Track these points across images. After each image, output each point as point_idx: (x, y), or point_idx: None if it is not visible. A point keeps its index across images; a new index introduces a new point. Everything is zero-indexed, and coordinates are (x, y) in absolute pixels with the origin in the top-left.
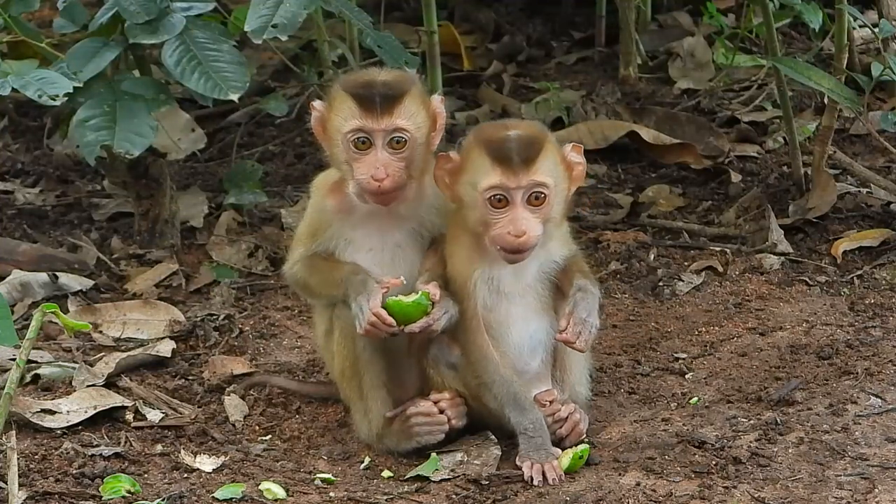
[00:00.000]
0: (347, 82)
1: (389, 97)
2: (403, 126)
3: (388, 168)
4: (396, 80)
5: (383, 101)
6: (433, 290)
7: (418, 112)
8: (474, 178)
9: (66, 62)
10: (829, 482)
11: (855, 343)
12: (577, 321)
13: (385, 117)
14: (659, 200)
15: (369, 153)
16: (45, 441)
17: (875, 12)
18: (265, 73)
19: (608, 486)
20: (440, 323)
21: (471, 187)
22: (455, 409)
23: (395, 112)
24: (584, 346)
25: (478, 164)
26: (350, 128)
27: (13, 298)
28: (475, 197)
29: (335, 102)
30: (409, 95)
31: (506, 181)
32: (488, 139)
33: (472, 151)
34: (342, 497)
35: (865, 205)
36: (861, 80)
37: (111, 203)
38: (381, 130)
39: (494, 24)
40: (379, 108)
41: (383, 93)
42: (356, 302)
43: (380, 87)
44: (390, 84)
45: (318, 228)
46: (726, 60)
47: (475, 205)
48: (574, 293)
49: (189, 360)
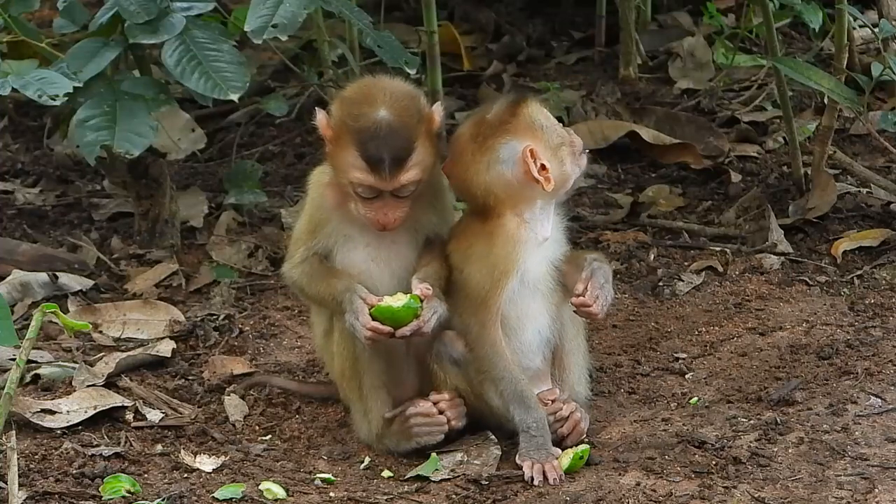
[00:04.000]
0: (356, 122)
1: (398, 159)
2: (412, 180)
3: (394, 213)
4: (403, 129)
5: (392, 163)
6: (423, 290)
7: (426, 154)
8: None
9: (66, 62)
10: (829, 482)
11: (855, 343)
12: (596, 285)
13: (393, 179)
14: (659, 200)
15: (375, 201)
16: (45, 441)
17: (875, 12)
18: (265, 73)
19: (608, 486)
20: (430, 324)
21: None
22: (454, 410)
23: (402, 171)
24: (600, 310)
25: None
26: (356, 180)
27: (13, 298)
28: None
29: (342, 140)
30: (417, 145)
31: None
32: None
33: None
34: (342, 497)
35: (865, 205)
36: (861, 80)
37: (111, 203)
38: (388, 189)
39: (494, 24)
40: (388, 171)
41: (392, 154)
42: (348, 321)
43: (389, 144)
44: (397, 139)
45: (317, 225)
46: (726, 60)
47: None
48: (590, 263)
49: (189, 360)
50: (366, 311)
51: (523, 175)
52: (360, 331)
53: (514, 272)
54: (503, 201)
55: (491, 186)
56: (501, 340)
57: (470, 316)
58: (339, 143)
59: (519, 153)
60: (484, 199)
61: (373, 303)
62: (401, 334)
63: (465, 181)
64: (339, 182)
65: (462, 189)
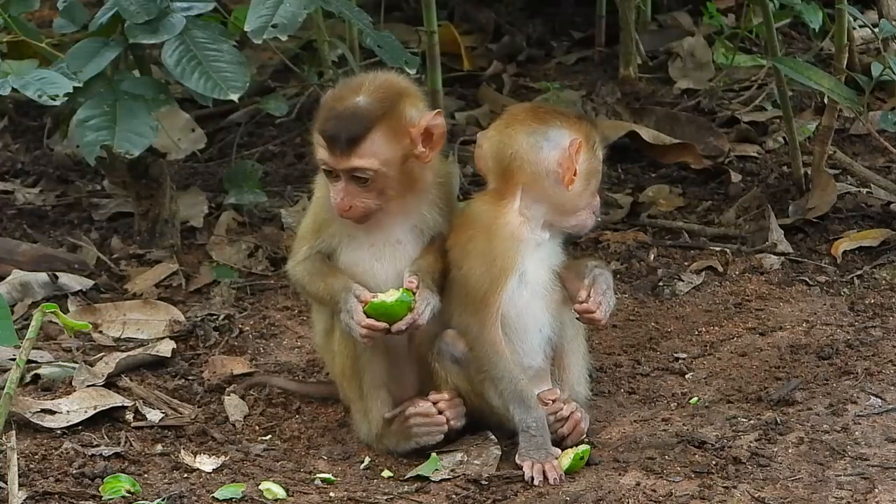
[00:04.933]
0: (325, 105)
1: (351, 139)
2: (363, 165)
3: (352, 199)
4: (365, 112)
5: (345, 141)
6: (408, 282)
7: (387, 145)
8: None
9: (66, 62)
10: (829, 482)
11: (855, 343)
12: (599, 292)
13: (344, 158)
14: (659, 200)
15: (337, 183)
16: (45, 441)
17: (875, 12)
18: (265, 73)
19: (608, 486)
20: (424, 316)
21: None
22: (454, 410)
23: (355, 153)
24: (603, 316)
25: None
26: (319, 158)
27: (13, 298)
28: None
29: (316, 122)
30: (374, 131)
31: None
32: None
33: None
34: (342, 497)
35: (865, 205)
36: (861, 80)
37: (111, 203)
38: (342, 169)
39: (494, 24)
40: (339, 148)
41: (346, 134)
42: (343, 320)
43: (343, 123)
44: (354, 120)
45: (321, 224)
46: (726, 60)
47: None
48: (591, 269)
49: (189, 360)
50: (360, 310)
51: (556, 162)
52: (355, 329)
53: (514, 270)
54: (518, 180)
55: (522, 155)
56: (501, 340)
57: (470, 315)
58: (316, 124)
59: (567, 141)
60: (505, 168)
61: (367, 299)
62: (396, 329)
63: (501, 143)
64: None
65: (493, 153)
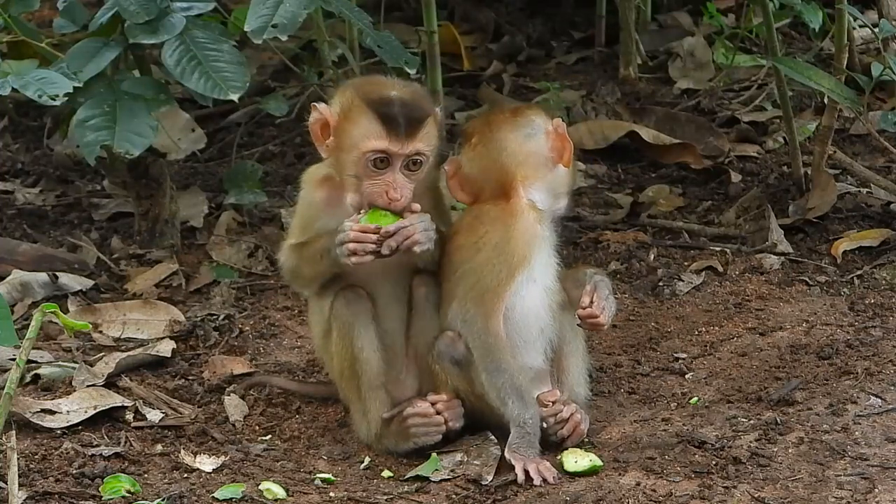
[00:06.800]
0: (368, 95)
1: (414, 121)
2: (424, 150)
3: (402, 190)
4: (418, 100)
5: (408, 124)
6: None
7: (435, 132)
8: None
9: (66, 62)
10: (829, 482)
11: (855, 343)
12: (601, 297)
13: (409, 142)
14: (659, 200)
15: (386, 173)
16: (45, 441)
17: (875, 12)
18: (265, 73)
19: (608, 486)
20: (416, 227)
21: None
22: (452, 411)
23: (418, 136)
24: (606, 321)
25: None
26: (371, 148)
27: (13, 298)
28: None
29: (352, 114)
30: (430, 119)
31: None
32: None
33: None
34: (342, 497)
35: (865, 205)
36: (861, 80)
37: (111, 203)
38: (403, 154)
39: (494, 24)
40: (404, 131)
41: (408, 115)
42: (337, 242)
43: (405, 108)
44: (414, 106)
45: (308, 222)
46: (726, 60)
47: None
48: (591, 276)
49: (189, 360)
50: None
51: (548, 147)
52: (347, 236)
53: (529, 263)
54: (518, 175)
55: (517, 150)
56: (503, 333)
57: (476, 306)
58: (349, 121)
59: (551, 124)
60: (502, 172)
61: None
62: (384, 231)
63: (492, 150)
64: (343, 168)
65: (484, 165)
